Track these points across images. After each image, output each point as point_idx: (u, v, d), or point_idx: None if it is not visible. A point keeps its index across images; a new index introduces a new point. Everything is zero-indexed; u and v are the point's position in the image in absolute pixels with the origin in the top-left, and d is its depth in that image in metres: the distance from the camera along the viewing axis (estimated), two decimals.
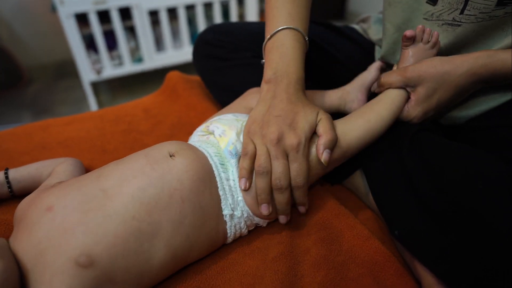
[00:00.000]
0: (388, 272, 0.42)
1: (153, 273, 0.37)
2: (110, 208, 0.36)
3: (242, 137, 0.47)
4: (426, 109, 0.49)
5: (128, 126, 0.71)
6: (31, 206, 0.38)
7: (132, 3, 1.49)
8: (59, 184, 0.41)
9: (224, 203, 0.43)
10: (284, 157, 0.42)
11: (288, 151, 0.43)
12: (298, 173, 0.42)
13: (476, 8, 0.47)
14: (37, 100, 1.83)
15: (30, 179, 0.48)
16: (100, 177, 0.39)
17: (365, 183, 0.54)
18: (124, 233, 0.35)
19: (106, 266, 0.34)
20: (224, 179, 0.44)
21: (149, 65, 1.68)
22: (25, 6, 1.83)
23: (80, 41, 1.48)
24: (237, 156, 0.46)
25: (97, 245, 0.34)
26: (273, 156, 0.42)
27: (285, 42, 0.49)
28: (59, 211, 0.35)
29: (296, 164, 0.42)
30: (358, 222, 0.48)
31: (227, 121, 0.50)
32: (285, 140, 0.42)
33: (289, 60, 0.48)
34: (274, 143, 0.42)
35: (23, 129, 0.67)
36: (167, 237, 0.38)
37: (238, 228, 0.45)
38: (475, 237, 0.36)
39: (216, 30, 0.69)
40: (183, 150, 0.43)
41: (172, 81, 0.84)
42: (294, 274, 0.42)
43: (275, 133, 0.42)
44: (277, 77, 0.47)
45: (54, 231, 0.34)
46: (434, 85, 0.47)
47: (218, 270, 0.43)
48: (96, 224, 0.35)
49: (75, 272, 0.32)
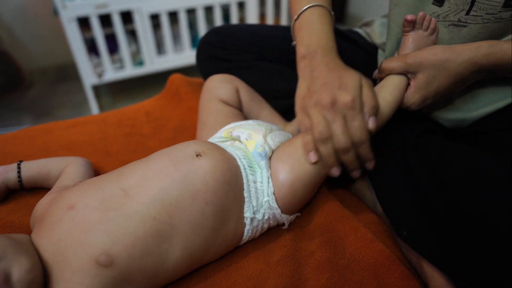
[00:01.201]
0: (393, 275, 0.42)
1: (168, 274, 0.37)
2: (130, 208, 0.36)
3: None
4: (425, 96, 0.49)
5: (131, 130, 0.71)
6: (53, 205, 0.38)
7: (133, 7, 1.50)
8: (80, 183, 0.41)
9: (247, 206, 0.43)
10: (342, 119, 0.43)
11: (345, 111, 0.43)
12: (359, 130, 0.43)
13: (482, 9, 0.48)
14: (38, 103, 1.83)
15: (37, 171, 0.49)
16: (120, 176, 0.39)
17: (368, 186, 0.54)
18: (143, 234, 0.35)
19: (125, 266, 0.34)
20: (251, 181, 0.44)
21: (150, 69, 1.68)
22: (26, 9, 1.83)
23: (81, 44, 1.48)
24: (267, 158, 0.46)
25: (117, 245, 0.34)
26: (330, 121, 0.43)
27: (313, 18, 0.51)
28: (80, 210, 0.36)
29: (355, 122, 0.43)
30: (361, 225, 0.48)
31: (250, 126, 0.51)
32: (338, 101, 0.43)
33: (319, 34, 0.50)
34: (329, 107, 0.43)
35: (26, 132, 0.67)
36: (185, 239, 0.38)
37: (254, 232, 0.45)
38: (479, 236, 0.36)
39: (219, 32, 0.69)
40: (211, 150, 0.43)
41: (175, 84, 0.84)
42: (298, 277, 0.42)
43: (328, 97, 0.43)
44: (311, 51, 0.48)
45: (75, 229, 0.34)
46: (434, 72, 0.47)
47: (223, 274, 0.43)
48: (116, 224, 0.35)
49: (95, 272, 0.32)
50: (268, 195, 0.44)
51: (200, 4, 1.61)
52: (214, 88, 0.57)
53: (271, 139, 0.49)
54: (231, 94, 0.56)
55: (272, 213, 0.45)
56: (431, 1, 0.52)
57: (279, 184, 0.45)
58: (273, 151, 0.48)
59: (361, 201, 0.56)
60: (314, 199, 0.53)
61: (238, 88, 0.57)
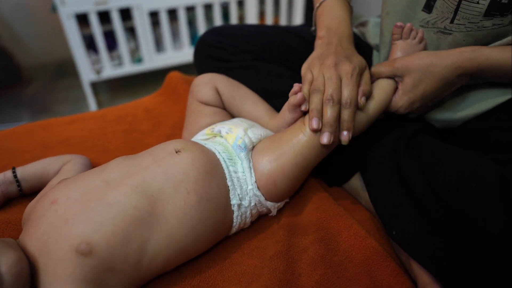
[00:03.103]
0: (385, 272, 0.43)
1: (154, 264, 0.38)
2: (110, 198, 0.37)
3: (251, 136, 0.49)
4: (413, 99, 0.51)
5: (130, 126, 0.71)
6: (38, 203, 0.38)
7: (132, 4, 1.50)
8: (64, 180, 0.42)
9: (233, 193, 0.45)
10: (338, 80, 0.47)
11: (342, 76, 0.47)
12: (349, 95, 0.46)
13: (464, 18, 0.49)
14: (36, 99, 1.83)
15: (36, 178, 0.49)
16: (104, 170, 0.40)
17: (362, 185, 0.55)
18: (123, 222, 0.36)
19: (106, 255, 0.34)
20: (232, 171, 0.46)
21: (149, 66, 1.68)
22: (25, 6, 1.83)
23: (80, 41, 1.48)
24: (246, 149, 0.48)
25: (96, 233, 0.34)
26: (327, 78, 0.47)
27: (334, 6, 0.57)
28: (62, 203, 0.36)
29: (348, 87, 0.46)
30: (355, 223, 0.49)
31: (231, 122, 0.52)
32: (340, 66, 0.47)
33: (340, 21, 0.55)
34: (330, 67, 0.47)
35: (24, 128, 0.68)
36: (169, 228, 0.38)
37: (244, 218, 0.46)
38: (468, 237, 0.37)
39: (217, 32, 0.70)
40: (189, 146, 0.45)
41: (173, 82, 0.84)
42: (292, 272, 0.43)
43: (333, 60, 0.48)
44: (330, 33, 0.54)
45: (57, 222, 0.35)
46: (420, 75, 0.49)
47: (217, 269, 0.43)
48: (96, 213, 0.35)
49: (76, 261, 0.33)
50: (252, 184, 0.46)
51: (200, 1, 1.61)
52: (194, 91, 0.58)
53: (252, 132, 0.50)
54: (209, 95, 0.57)
55: (257, 200, 0.47)
56: (421, 8, 0.54)
57: (259, 174, 0.47)
58: (254, 144, 0.50)
59: (355, 199, 0.57)
60: (308, 197, 0.54)
61: (217, 86, 0.57)
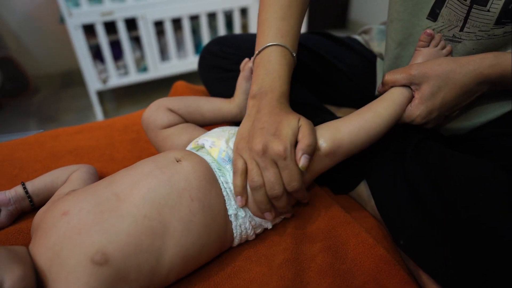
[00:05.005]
0: (393, 280, 0.43)
1: (164, 272, 0.39)
2: (122, 209, 0.38)
3: (232, 147, 0.48)
4: (431, 108, 0.48)
5: (137, 135, 0.72)
6: (47, 213, 0.39)
7: (138, 14, 1.52)
8: (73, 191, 0.43)
9: (228, 203, 0.45)
10: (274, 166, 0.43)
11: (276, 160, 0.42)
12: (291, 179, 0.43)
13: (475, 26, 0.48)
14: (44, 109, 1.85)
15: (47, 191, 0.50)
16: (112, 183, 0.41)
17: (368, 193, 0.55)
18: (136, 232, 0.37)
19: (120, 264, 0.35)
20: (224, 182, 0.46)
21: (154, 75, 1.71)
22: (33, 17, 1.87)
23: (87, 51, 1.51)
24: (230, 162, 0.48)
25: (111, 244, 0.35)
26: (262, 168, 0.43)
27: (272, 58, 0.50)
28: (74, 214, 0.37)
29: (286, 170, 0.42)
30: (363, 230, 0.48)
31: (214, 133, 0.52)
32: (270, 149, 0.42)
33: (275, 77, 0.48)
34: (260, 155, 0.43)
35: (35, 138, 0.69)
36: (178, 235, 0.39)
37: (244, 229, 0.46)
38: (477, 245, 0.37)
39: (221, 42, 0.71)
40: (188, 155, 0.46)
41: (179, 91, 0.85)
42: (300, 280, 0.43)
43: (260, 144, 0.43)
44: (261, 92, 0.48)
45: (70, 232, 0.35)
46: (439, 83, 0.46)
47: (225, 277, 0.44)
48: (110, 224, 0.36)
49: (91, 270, 0.33)
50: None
51: (203, 11, 1.63)
52: (151, 123, 0.56)
53: (233, 142, 0.49)
54: (167, 116, 0.56)
55: (249, 212, 0.46)
56: (425, 16, 0.52)
57: None
58: None
59: (362, 207, 0.57)
60: (315, 204, 0.54)
61: (168, 106, 0.56)
